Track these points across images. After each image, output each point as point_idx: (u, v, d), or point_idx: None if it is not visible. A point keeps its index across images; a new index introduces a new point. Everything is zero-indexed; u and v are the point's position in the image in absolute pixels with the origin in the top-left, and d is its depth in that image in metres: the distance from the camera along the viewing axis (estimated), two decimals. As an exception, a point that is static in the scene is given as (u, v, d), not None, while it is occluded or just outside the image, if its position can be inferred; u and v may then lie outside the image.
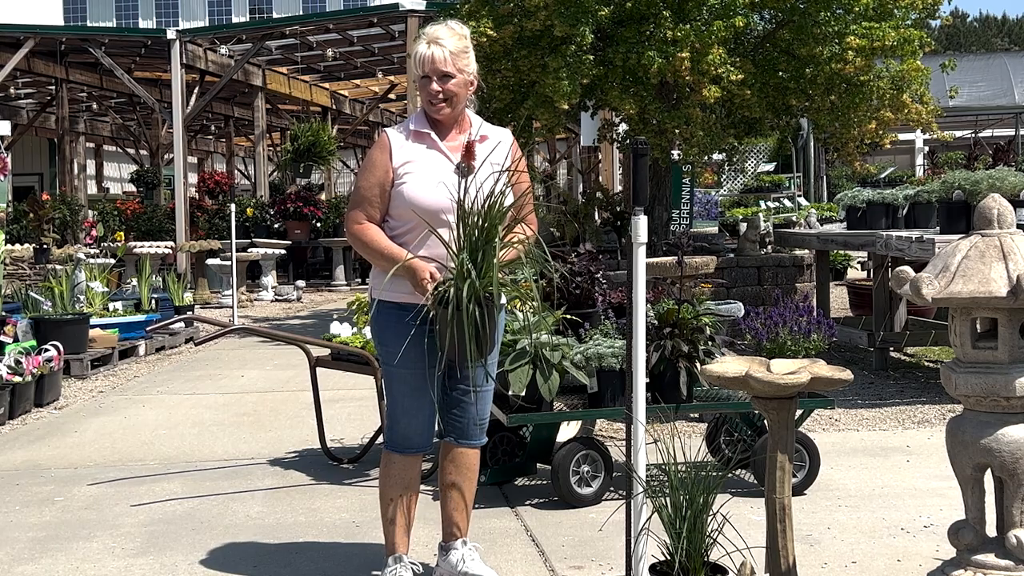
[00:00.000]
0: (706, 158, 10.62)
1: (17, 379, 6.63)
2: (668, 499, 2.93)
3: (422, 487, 3.81)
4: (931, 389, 6.89)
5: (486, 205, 3.06)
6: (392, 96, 22.06)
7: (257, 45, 16.69)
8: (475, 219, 3.06)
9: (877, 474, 4.91)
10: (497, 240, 3.06)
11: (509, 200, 3.23)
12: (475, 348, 3.02)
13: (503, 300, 3.23)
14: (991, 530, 2.85)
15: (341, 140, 21.81)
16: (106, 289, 9.97)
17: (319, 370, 5.37)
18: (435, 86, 3.30)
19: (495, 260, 3.04)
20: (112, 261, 11.85)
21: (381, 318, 3.37)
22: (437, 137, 3.35)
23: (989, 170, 7.41)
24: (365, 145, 27.02)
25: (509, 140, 3.45)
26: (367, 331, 5.11)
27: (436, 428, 3.44)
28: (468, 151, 3.26)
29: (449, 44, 3.31)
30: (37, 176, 26.58)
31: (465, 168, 3.26)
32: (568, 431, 5.04)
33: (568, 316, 4.68)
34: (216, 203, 17.50)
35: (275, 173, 21.28)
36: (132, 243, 13.89)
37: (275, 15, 34.94)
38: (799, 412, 4.17)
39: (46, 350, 7.10)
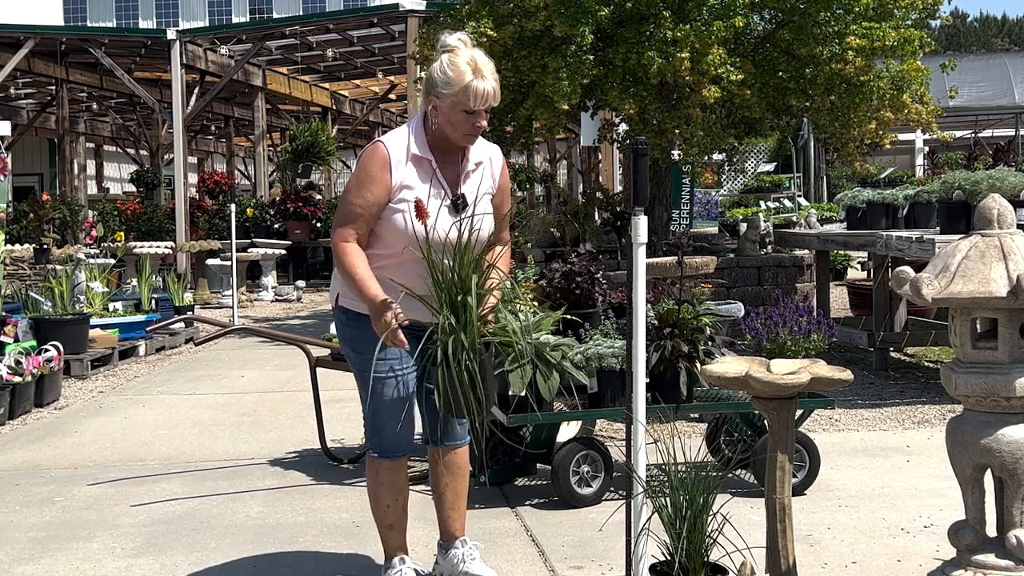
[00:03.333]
0: (706, 158, 10.62)
1: (17, 379, 6.63)
2: (668, 499, 2.93)
3: (420, 487, 3.82)
4: (931, 389, 6.89)
5: (457, 256, 2.99)
6: (392, 96, 22.06)
7: (257, 45, 16.69)
8: (450, 274, 2.99)
9: (877, 474, 4.91)
10: (474, 288, 2.99)
11: (491, 220, 3.24)
12: (475, 401, 2.96)
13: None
14: (991, 530, 2.85)
15: (341, 140, 21.81)
16: (106, 289, 9.97)
17: (319, 370, 5.37)
18: (484, 121, 3.19)
19: (476, 309, 2.98)
20: (112, 261, 11.85)
21: (352, 326, 3.34)
22: (437, 166, 3.23)
23: (989, 170, 7.42)
24: (365, 145, 27.00)
25: (500, 161, 3.38)
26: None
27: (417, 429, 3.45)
28: (419, 211, 3.10)
29: (495, 76, 3.19)
30: (37, 176, 26.58)
31: (460, 204, 3.22)
32: (568, 431, 5.04)
33: (568, 316, 4.68)
34: (216, 203, 17.50)
35: (275, 173, 21.27)
36: (132, 243, 13.88)
37: (275, 15, 34.96)
38: (799, 412, 4.17)
39: (46, 350, 7.10)
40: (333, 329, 5.40)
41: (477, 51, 3.18)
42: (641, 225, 3.10)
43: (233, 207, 12.41)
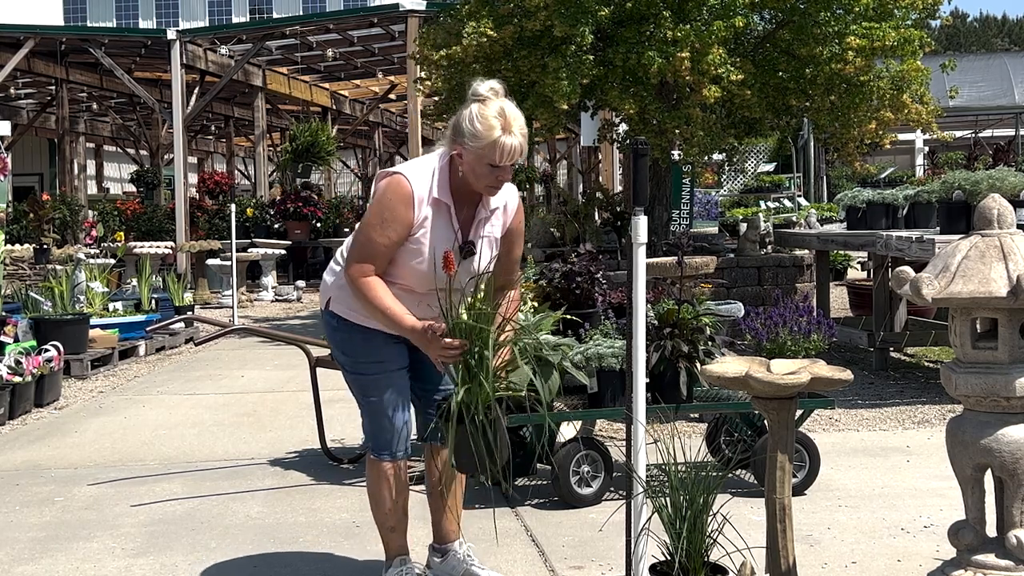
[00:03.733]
0: (706, 158, 10.61)
1: (17, 379, 6.63)
2: (668, 499, 2.93)
3: (420, 488, 3.81)
4: (931, 389, 6.89)
5: (475, 309, 2.96)
6: (392, 96, 22.05)
7: (257, 45, 16.69)
8: (466, 327, 2.95)
9: (877, 474, 4.91)
10: (491, 342, 2.96)
11: (488, 256, 3.23)
12: (489, 458, 2.91)
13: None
14: (991, 530, 2.85)
15: (341, 140, 21.81)
16: (106, 289, 9.97)
17: (319, 370, 5.37)
18: (506, 176, 3.16)
19: (492, 364, 2.95)
20: (112, 261, 11.85)
21: (342, 329, 3.32)
22: (455, 211, 3.19)
23: (989, 170, 7.42)
24: (365, 145, 27.03)
25: (515, 206, 3.32)
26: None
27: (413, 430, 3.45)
28: (447, 262, 3.08)
29: (524, 131, 3.13)
30: (37, 176, 26.58)
31: (467, 251, 3.21)
32: (568, 431, 5.04)
33: (568, 316, 4.68)
34: (216, 203, 17.50)
35: (275, 173, 21.27)
36: (132, 243, 13.88)
37: (275, 15, 34.96)
38: (799, 412, 4.17)
39: (46, 350, 7.10)
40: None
41: (507, 102, 3.12)
42: (641, 225, 3.10)
43: (233, 207, 12.41)
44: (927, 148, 24.82)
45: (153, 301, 10.24)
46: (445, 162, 3.19)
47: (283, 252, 15.83)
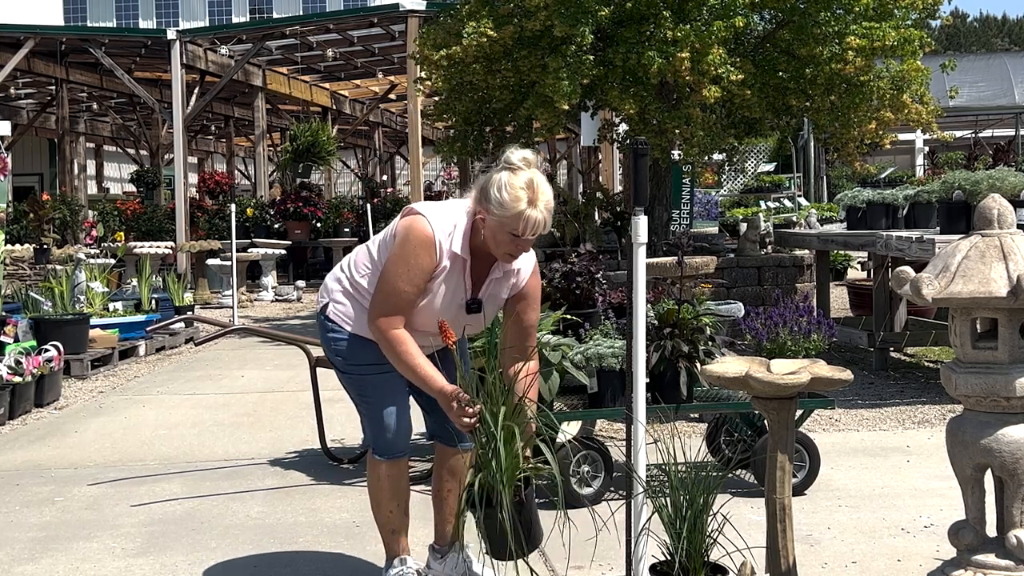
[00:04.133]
0: (706, 158, 10.61)
1: (17, 379, 6.63)
2: (668, 499, 2.93)
3: (420, 487, 3.81)
4: (931, 389, 6.89)
5: (501, 403, 2.94)
6: (392, 96, 22.05)
7: (257, 45, 16.69)
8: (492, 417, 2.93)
9: (877, 474, 4.91)
10: (518, 434, 2.93)
11: (495, 314, 3.27)
12: (514, 543, 2.86)
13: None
14: (991, 530, 2.85)
15: (341, 140, 21.80)
16: (106, 289, 9.97)
17: (319, 370, 5.37)
18: (526, 247, 3.15)
19: (517, 450, 2.92)
20: (112, 261, 11.85)
21: (337, 331, 3.34)
22: (470, 267, 3.19)
23: (989, 170, 7.42)
24: (365, 145, 27.03)
25: (529, 268, 3.30)
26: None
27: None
28: (444, 332, 3.10)
29: (549, 205, 3.11)
30: (37, 176, 26.58)
31: (474, 307, 3.23)
32: (568, 431, 5.04)
33: (568, 316, 4.68)
34: (216, 203, 17.51)
35: (275, 173, 21.27)
36: (132, 243, 13.88)
37: (275, 15, 34.95)
38: (799, 412, 4.17)
39: (46, 350, 7.10)
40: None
41: (538, 174, 3.11)
42: (641, 225, 3.10)
43: (233, 207, 12.42)
44: (927, 148, 24.83)
45: (153, 301, 10.24)
46: (468, 219, 3.17)
47: (283, 252, 15.83)
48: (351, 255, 3.45)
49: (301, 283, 15.89)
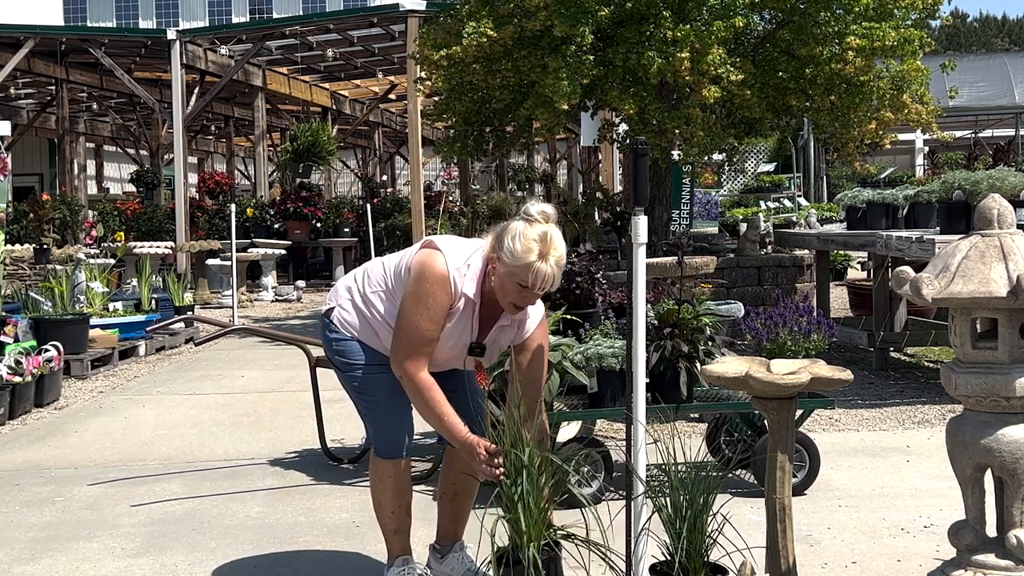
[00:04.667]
0: (706, 158, 10.62)
1: (17, 379, 6.63)
2: (668, 499, 2.93)
3: (420, 487, 3.81)
4: (931, 389, 6.89)
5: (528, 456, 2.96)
6: (392, 96, 22.05)
7: (257, 45, 16.69)
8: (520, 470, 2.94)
9: (877, 474, 4.91)
10: (544, 492, 2.95)
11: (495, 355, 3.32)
12: None
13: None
14: (991, 530, 2.85)
15: (341, 140, 21.80)
16: (106, 289, 9.97)
17: (319, 370, 5.37)
18: (532, 300, 3.16)
19: (543, 508, 2.93)
20: (112, 261, 11.85)
21: (337, 331, 3.34)
22: (479, 311, 3.21)
23: (989, 170, 7.42)
24: (365, 145, 27.03)
25: (537, 318, 3.31)
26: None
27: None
28: (479, 370, 3.22)
29: (561, 261, 3.12)
30: (37, 176, 26.57)
31: (476, 351, 3.24)
32: (568, 431, 5.04)
33: (568, 316, 4.68)
34: (216, 203, 17.51)
35: (275, 173, 21.27)
36: (132, 243, 13.88)
37: (275, 15, 34.95)
38: (799, 412, 4.17)
39: (46, 350, 7.10)
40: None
41: (554, 229, 3.12)
42: (641, 225, 3.10)
43: (233, 207, 12.41)
44: (927, 148, 24.83)
45: (153, 301, 10.24)
46: (482, 263, 3.18)
47: (283, 252, 15.83)
48: (366, 266, 3.43)
49: (301, 283, 15.89)
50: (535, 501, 2.92)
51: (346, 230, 17.11)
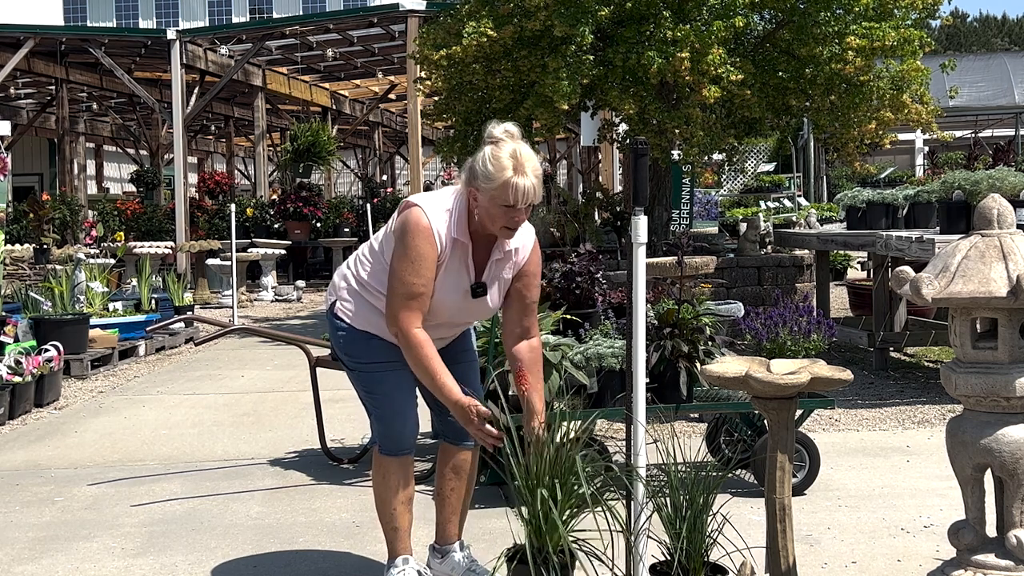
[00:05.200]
0: (706, 158, 10.62)
1: (17, 379, 6.63)
2: (668, 499, 2.93)
3: (420, 487, 3.81)
4: (931, 389, 6.89)
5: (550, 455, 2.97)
6: (392, 96, 22.06)
7: (257, 45, 16.69)
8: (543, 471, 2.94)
9: (877, 474, 4.91)
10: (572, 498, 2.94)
11: (499, 298, 3.29)
12: None
13: None
14: (991, 530, 2.85)
15: (341, 140, 21.81)
16: (106, 289, 9.97)
17: (319, 370, 5.37)
18: (522, 216, 3.14)
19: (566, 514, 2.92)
20: (112, 261, 11.85)
21: (344, 329, 3.33)
22: (472, 251, 3.20)
23: (989, 170, 7.41)
24: (365, 145, 27.03)
25: (528, 251, 3.31)
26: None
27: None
28: (519, 376, 3.22)
29: (537, 172, 3.12)
30: (37, 176, 26.59)
31: (478, 291, 3.23)
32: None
33: (568, 316, 4.68)
34: (216, 203, 17.51)
35: (275, 173, 21.28)
36: (132, 243, 13.89)
37: (275, 15, 34.95)
38: (799, 412, 4.17)
39: (46, 350, 7.10)
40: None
41: (521, 144, 3.12)
42: (641, 225, 3.10)
43: (233, 207, 12.41)
44: (927, 148, 24.84)
45: (153, 301, 10.24)
46: (463, 202, 3.19)
47: (283, 252, 15.83)
48: (356, 252, 3.47)
49: (301, 283, 15.89)
50: (560, 505, 2.91)
51: (346, 230, 17.12)
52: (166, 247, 14.13)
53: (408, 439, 3.34)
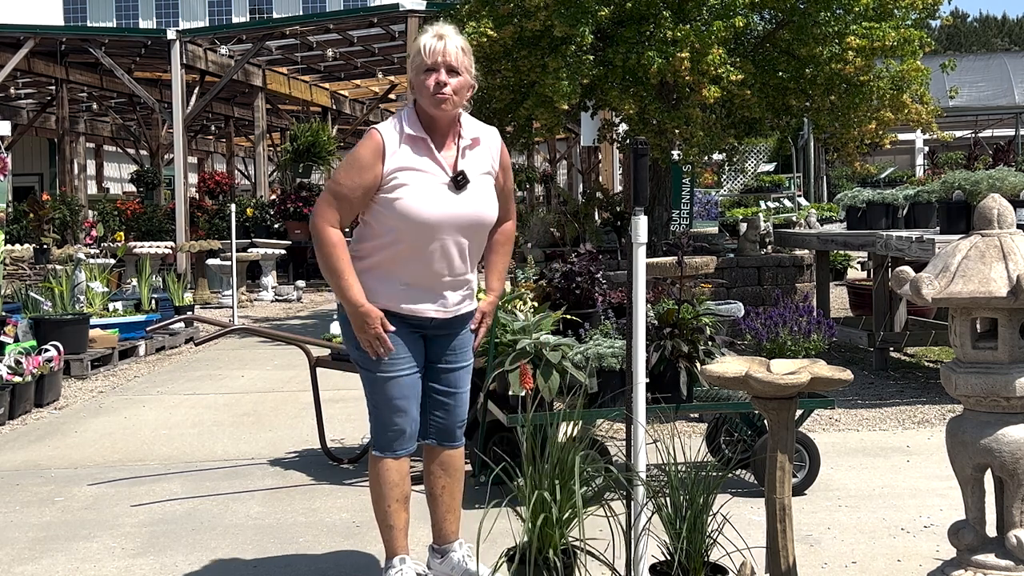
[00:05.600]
0: (706, 158, 10.62)
1: (17, 379, 6.63)
2: (668, 499, 2.93)
3: (420, 487, 3.81)
4: (931, 389, 6.89)
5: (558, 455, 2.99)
6: (392, 96, 22.06)
7: (257, 45, 16.70)
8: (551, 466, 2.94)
9: (877, 474, 4.91)
10: (577, 481, 2.94)
11: (493, 199, 3.30)
12: None
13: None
14: (991, 530, 2.85)
15: (341, 140, 21.80)
16: (106, 289, 9.97)
17: (319, 370, 5.37)
18: (443, 76, 3.15)
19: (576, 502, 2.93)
20: (112, 261, 11.85)
21: (341, 318, 3.34)
22: (434, 146, 3.22)
23: (989, 170, 7.42)
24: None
25: (498, 140, 3.40)
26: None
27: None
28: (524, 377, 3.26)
29: (459, 41, 3.22)
30: (37, 176, 26.59)
31: (461, 181, 3.21)
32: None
33: (568, 316, 4.68)
34: (216, 203, 17.52)
35: (275, 173, 21.28)
36: (132, 243, 13.88)
37: (275, 15, 34.96)
38: (799, 412, 4.17)
39: (46, 350, 7.10)
40: (333, 329, 5.42)
41: (447, 27, 3.25)
42: (641, 225, 3.10)
43: (233, 207, 12.41)
44: (927, 148, 24.84)
45: (153, 301, 10.24)
46: (411, 106, 3.28)
47: (283, 252, 15.83)
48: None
49: (301, 283, 15.89)
50: (562, 506, 2.91)
51: (346, 230, 17.09)
52: (166, 247, 14.13)
53: (402, 440, 3.32)
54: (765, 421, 4.43)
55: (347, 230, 3.31)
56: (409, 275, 3.20)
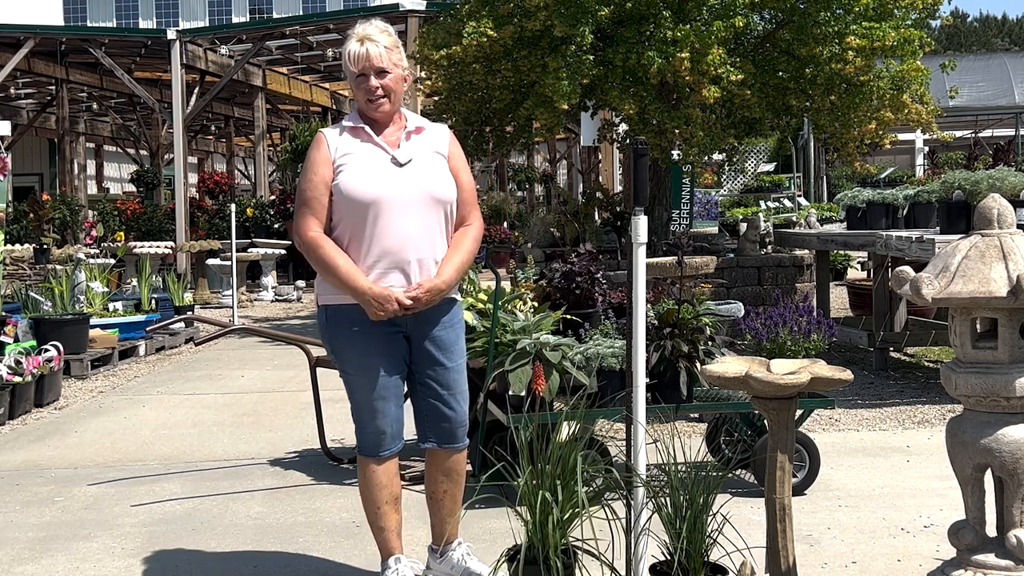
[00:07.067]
0: (706, 158, 10.61)
1: (17, 379, 6.63)
2: (668, 499, 2.93)
3: (419, 488, 3.81)
4: (931, 389, 6.89)
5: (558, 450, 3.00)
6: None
7: (257, 45, 16.70)
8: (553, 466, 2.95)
9: (877, 474, 4.91)
10: (580, 477, 2.95)
11: (452, 188, 3.33)
12: None
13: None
14: (991, 530, 2.85)
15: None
16: (106, 289, 9.97)
17: (319, 370, 5.37)
18: (373, 81, 3.28)
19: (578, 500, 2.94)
20: (112, 261, 11.85)
21: (331, 325, 3.34)
22: (374, 134, 3.33)
23: (989, 170, 7.42)
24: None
25: (446, 132, 3.46)
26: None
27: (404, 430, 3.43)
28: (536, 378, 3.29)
29: (382, 40, 3.30)
30: (37, 176, 26.59)
31: (401, 158, 3.30)
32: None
33: (568, 316, 4.68)
34: (216, 203, 17.51)
35: (275, 173, 21.28)
36: (132, 243, 13.89)
37: (275, 15, 34.96)
38: (799, 412, 4.17)
39: (46, 350, 7.10)
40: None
41: (374, 21, 3.35)
42: (641, 225, 3.10)
43: (233, 207, 12.42)
44: (927, 148, 24.84)
45: (153, 301, 10.24)
46: (355, 109, 3.42)
47: (283, 252, 15.83)
48: None
49: (301, 283, 15.89)
50: (563, 506, 2.91)
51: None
52: (166, 247, 14.13)
53: (384, 441, 3.31)
54: (765, 421, 4.43)
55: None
56: (372, 255, 3.24)
